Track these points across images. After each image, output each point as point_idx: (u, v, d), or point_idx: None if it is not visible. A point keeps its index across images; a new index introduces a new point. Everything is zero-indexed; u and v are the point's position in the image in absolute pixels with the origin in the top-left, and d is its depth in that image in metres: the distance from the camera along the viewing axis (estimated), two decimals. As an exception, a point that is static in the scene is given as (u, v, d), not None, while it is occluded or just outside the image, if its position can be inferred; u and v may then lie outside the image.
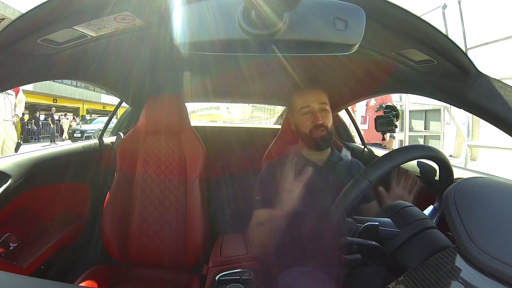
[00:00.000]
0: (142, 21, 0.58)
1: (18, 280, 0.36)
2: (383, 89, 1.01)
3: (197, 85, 1.45)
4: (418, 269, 0.39)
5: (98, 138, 1.36)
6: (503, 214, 0.36)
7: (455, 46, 0.52)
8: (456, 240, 0.37)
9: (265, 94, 1.67)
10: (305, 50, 0.39)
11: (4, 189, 0.76)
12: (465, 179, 0.42)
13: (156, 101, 1.19)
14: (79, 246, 1.13)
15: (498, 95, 0.52)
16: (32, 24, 0.50)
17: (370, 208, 0.92)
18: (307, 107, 0.92)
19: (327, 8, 0.35)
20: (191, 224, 1.10)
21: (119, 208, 1.08)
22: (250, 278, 0.84)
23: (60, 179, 1.04)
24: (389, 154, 0.56)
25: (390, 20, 0.52)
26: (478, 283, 0.33)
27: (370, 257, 0.52)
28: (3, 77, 0.56)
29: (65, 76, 0.82)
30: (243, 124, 5.47)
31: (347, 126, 1.69)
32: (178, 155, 1.18)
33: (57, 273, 0.98)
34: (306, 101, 0.92)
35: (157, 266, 1.10)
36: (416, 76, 0.70)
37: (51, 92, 14.24)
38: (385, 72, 0.81)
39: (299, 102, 0.94)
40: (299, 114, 0.94)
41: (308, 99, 0.92)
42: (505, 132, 0.54)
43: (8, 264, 0.78)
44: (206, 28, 0.35)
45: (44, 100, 14.56)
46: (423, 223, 0.51)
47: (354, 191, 0.54)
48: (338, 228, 0.53)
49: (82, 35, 0.58)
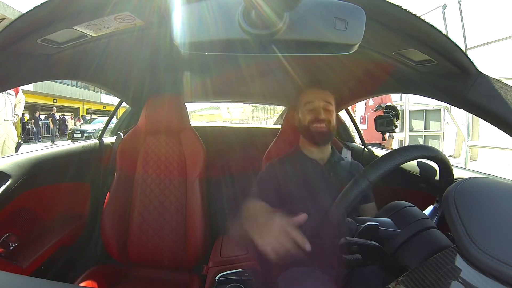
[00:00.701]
0: (142, 21, 0.58)
1: (18, 280, 0.36)
2: (383, 89, 1.01)
3: (197, 85, 1.45)
4: (418, 269, 0.39)
5: (98, 138, 1.36)
6: (503, 214, 0.36)
7: (455, 46, 0.52)
8: (456, 240, 0.37)
9: (265, 94, 1.67)
10: (305, 50, 0.39)
11: (4, 189, 0.76)
12: (465, 179, 0.42)
13: (156, 101, 1.19)
14: (79, 246, 1.13)
15: (498, 95, 0.52)
16: (32, 24, 0.50)
17: (370, 210, 0.91)
18: (311, 103, 0.94)
19: (327, 8, 0.35)
20: (191, 224, 1.10)
21: (119, 208, 1.08)
22: (250, 278, 0.84)
23: (60, 179, 1.04)
24: (389, 154, 0.56)
25: (390, 20, 0.52)
26: (478, 283, 0.33)
27: (370, 257, 0.52)
28: (3, 77, 0.57)
29: (65, 76, 0.82)
30: (243, 124, 5.47)
31: (347, 126, 1.69)
32: (178, 155, 1.18)
33: (57, 273, 0.98)
34: (312, 97, 0.95)
35: (157, 266, 1.10)
36: (416, 76, 0.70)
37: (51, 92, 14.23)
38: (385, 72, 0.81)
39: (305, 97, 0.97)
40: (303, 108, 0.96)
41: (314, 96, 0.95)
42: (505, 132, 0.54)
43: (8, 264, 0.78)
44: (206, 28, 0.35)
45: (44, 100, 14.56)
46: (423, 223, 0.51)
47: (354, 191, 0.54)
48: (338, 228, 0.53)
49: (82, 35, 0.58)
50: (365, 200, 0.93)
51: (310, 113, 0.94)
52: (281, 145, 1.22)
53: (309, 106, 0.95)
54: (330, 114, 0.94)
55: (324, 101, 0.94)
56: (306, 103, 0.95)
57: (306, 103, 0.95)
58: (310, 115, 0.93)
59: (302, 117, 0.97)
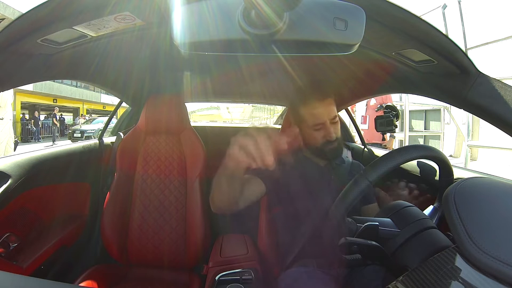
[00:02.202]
0: (142, 21, 0.58)
1: (18, 280, 0.36)
2: (383, 89, 1.01)
3: (197, 85, 1.45)
4: (418, 269, 0.39)
5: (98, 138, 1.36)
6: (503, 214, 0.36)
7: (455, 46, 0.52)
8: (456, 240, 0.37)
9: (265, 94, 1.67)
10: (305, 50, 0.39)
11: (4, 189, 0.76)
12: (465, 179, 0.42)
13: (156, 101, 1.19)
14: (79, 246, 1.13)
15: (498, 95, 0.52)
16: (32, 24, 0.50)
17: (371, 211, 0.91)
18: (319, 122, 0.88)
19: (327, 8, 0.35)
20: (191, 224, 1.10)
21: (119, 208, 1.08)
22: (250, 278, 0.84)
23: (60, 179, 1.04)
24: (389, 154, 0.56)
25: (390, 20, 0.52)
26: (478, 283, 0.33)
27: (370, 257, 0.52)
28: (3, 77, 0.56)
29: (65, 76, 0.82)
30: (243, 124, 5.47)
31: (347, 126, 1.69)
32: (178, 155, 1.18)
33: (57, 273, 0.98)
34: (319, 118, 0.88)
35: (157, 266, 1.10)
36: (416, 76, 0.70)
37: (51, 92, 14.23)
38: (385, 72, 0.81)
39: (312, 118, 0.89)
40: (311, 129, 0.90)
41: (321, 116, 0.88)
42: (505, 132, 0.54)
43: (8, 264, 0.78)
44: (206, 28, 0.35)
45: (44, 100, 14.55)
46: (423, 223, 0.51)
47: (354, 191, 0.54)
48: (338, 228, 0.53)
49: (82, 35, 0.58)
50: (367, 201, 0.93)
51: (320, 134, 0.88)
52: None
53: (317, 126, 0.88)
54: (337, 128, 0.90)
55: (330, 115, 0.88)
56: (314, 125, 0.89)
57: (313, 123, 0.88)
58: (320, 135, 0.89)
59: (310, 138, 0.91)
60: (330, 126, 0.88)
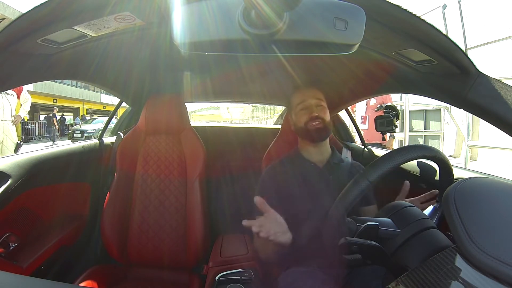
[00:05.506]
0: (142, 21, 0.58)
1: (18, 280, 0.36)
2: (383, 89, 1.01)
3: (197, 85, 1.45)
4: (418, 269, 0.39)
5: (98, 138, 1.36)
6: (503, 214, 0.36)
7: (455, 46, 0.52)
8: (456, 240, 0.37)
9: (265, 94, 1.67)
10: (305, 50, 0.39)
11: (4, 189, 0.76)
12: (465, 179, 0.42)
13: (156, 101, 1.19)
14: (79, 246, 1.13)
15: (498, 95, 0.52)
16: (32, 24, 0.50)
17: (371, 212, 0.91)
18: (303, 103, 0.96)
19: (327, 8, 0.35)
20: (191, 224, 1.10)
21: (119, 208, 1.08)
22: (250, 278, 0.84)
23: (60, 179, 1.04)
24: (389, 154, 0.56)
25: (390, 20, 0.52)
26: (478, 283, 0.33)
27: (370, 257, 0.52)
28: (3, 77, 0.56)
29: (65, 76, 0.82)
30: (243, 124, 5.47)
31: (347, 126, 1.69)
32: (178, 155, 1.18)
33: (57, 273, 0.98)
34: (302, 97, 0.97)
35: (157, 266, 1.10)
36: (416, 76, 0.70)
37: (51, 92, 14.23)
38: (385, 72, 0.81)
39: (296, 99, 0.99)
40: (297, 110, 0.98)
41: (304, 95, 0.97)
42: (505, 132, 0.54)
43: (8, 264, 0.78)
44: (206, 28, 0.35)
45: (44, 100, 14.55)
46: (423, 223, 0.51)
47: (354, 191, 0.54)
48: (338, 228, 0.53)
49: (82, 35, 0.58)
50: (366, 202, 0.92)
51: (304, 113, 0.95)
52: (281, 145, 1.22)
53: (301, 106, 0.96)
54: (323, 111, 0.95)
55: (315, 98, 0.96)
56: (298, 104, 0.97)
57: (298, 104, 0.97)
58: (304, 115, 0.95)
59: (297, 119, 0.98)
60: (313, 106, 0.95)
